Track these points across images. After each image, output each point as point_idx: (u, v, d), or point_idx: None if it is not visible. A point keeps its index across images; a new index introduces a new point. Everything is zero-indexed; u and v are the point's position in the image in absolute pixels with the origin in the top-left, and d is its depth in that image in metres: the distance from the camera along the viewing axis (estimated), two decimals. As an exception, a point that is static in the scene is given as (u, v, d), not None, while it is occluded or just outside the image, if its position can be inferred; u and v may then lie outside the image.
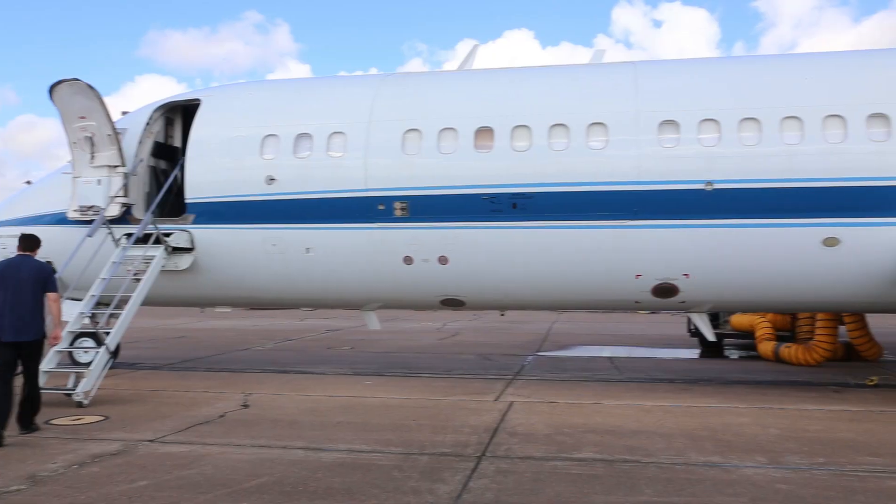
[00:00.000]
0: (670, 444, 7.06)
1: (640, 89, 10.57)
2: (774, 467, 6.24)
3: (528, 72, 11.80)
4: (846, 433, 7.59)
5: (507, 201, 10.28)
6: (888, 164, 9.62)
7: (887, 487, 5.64)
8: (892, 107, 9.77)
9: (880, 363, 13.59)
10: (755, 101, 10.15)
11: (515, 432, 7.61)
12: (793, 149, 9.82)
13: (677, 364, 14.21)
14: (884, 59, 11.00)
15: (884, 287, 9.80)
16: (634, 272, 10.17)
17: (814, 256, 9.74)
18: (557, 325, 24.19)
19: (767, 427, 7.85)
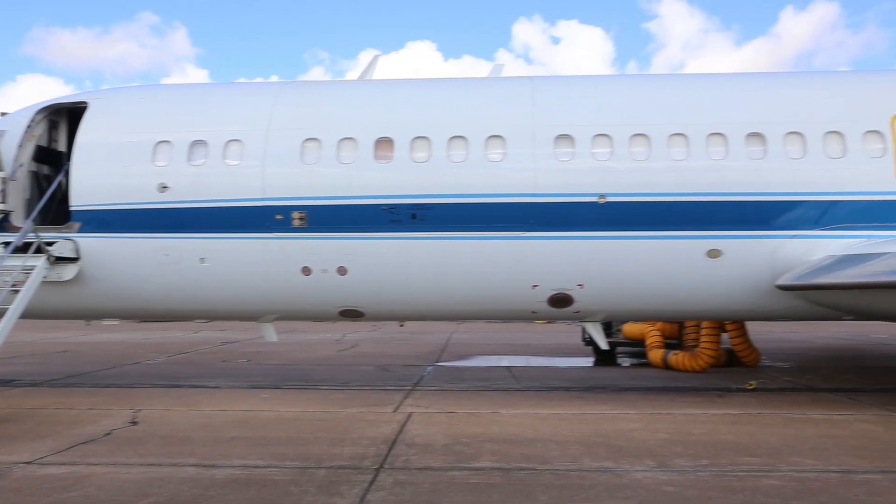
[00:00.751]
0: (565, 451, 7.22)
1: (537, 104, 10.83)
2: (662, 470, 6.48)
3: (428, 84, 11.90)
4: (728, 435, 7.97)
5: (406, 212, 10.30)
6: (765, 180, 10.22)
7: (763, 485, 5.95)
8: (768, 127, 10.39)
9: (758, 368, 14.35)
10: (645, 118, 10.57)
11: (414, 443, 7.61)
12: (679, 164, 10.28)
13: (572, 372, 14.56)
14: (761, 81, 11.71)
15: (762, 296, 10.37)
16: (531, 283, 10.38)
17: (698, 267, 10.21)
18: (456, 336, 24.37)
19: (656, 432, 8.15)
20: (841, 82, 11.80)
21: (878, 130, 10.33)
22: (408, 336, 23.84)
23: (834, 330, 24.04)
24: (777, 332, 22.44)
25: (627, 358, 16.56)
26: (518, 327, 28.86)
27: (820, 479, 6.16)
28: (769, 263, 10.18)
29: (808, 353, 17.97)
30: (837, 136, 10.32)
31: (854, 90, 11.22)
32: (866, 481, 6.07)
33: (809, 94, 11.11)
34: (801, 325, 24.55)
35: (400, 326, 26.09)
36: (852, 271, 9.44)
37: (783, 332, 22.77)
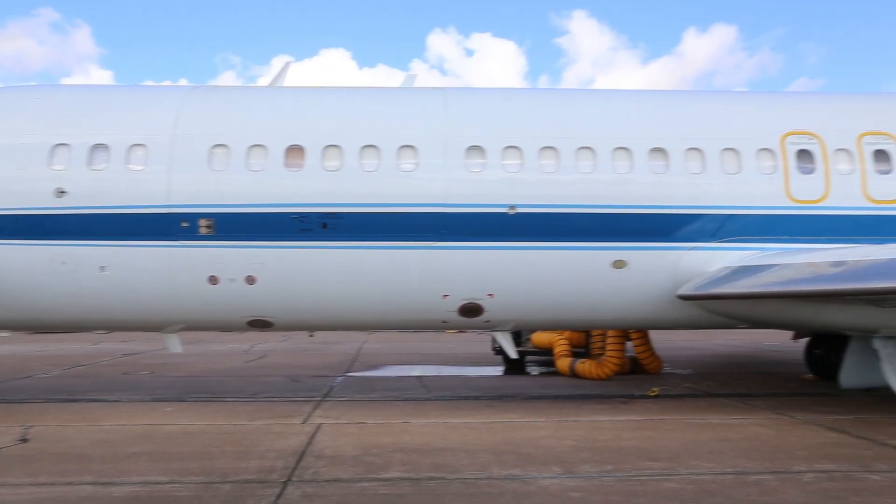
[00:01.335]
0: (475, 460, 7.27)
1: (449, 115, 10.93)
2: (569, 477, 6.61)
3: (341, 92, 11.84)
4: (631, 441, 8.21)
5: (317, 221, 10.20)
6: (667, 194, 10.62)
7: (664, 489, 6.15)
8: (670, 142, 10.81)
9: (661, 375, 14.85)
10: (554, 132, 10.82)
11: (323, 455, 7.52)
12: (587, 177, 10.56)
13: (483, 381, 14.71)
14: (664, 98, 12.18)
15: (664, 306, 10.75)
16: (442, 292, 10.44)
17: (605, 278, 10.50)
18: (368, 346, 24.24)
19: (564, 439, 8.31)
20: (737, 101, 12.39)
21: (770, 149, 10.90)
22: (318, 346, 23.56)
23: (730, 338, 25.12)
24: (678, 341, 23.28)
25: (536, 366, 16.83)
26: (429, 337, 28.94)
27: (716, 480, 6.42)
28: (671, 274, 10.57)
29: (707, 360, 18.72)
30: (733, 153, 10.84)
31: (749, 110, 11.79)
32: (758, 482, 6.36)
33: (708, 111, 11.63)
34: (700, 334, 25.58)
35: (310, 336, 25.80)
36: (746, 282, 9.91)
37: (683, 341, 23.64)
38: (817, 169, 10.86)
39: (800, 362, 14.86)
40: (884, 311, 9.65)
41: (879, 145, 11.02)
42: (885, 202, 10.80)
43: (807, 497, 5.88)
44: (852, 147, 10.99)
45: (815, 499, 5.84)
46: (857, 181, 10.85)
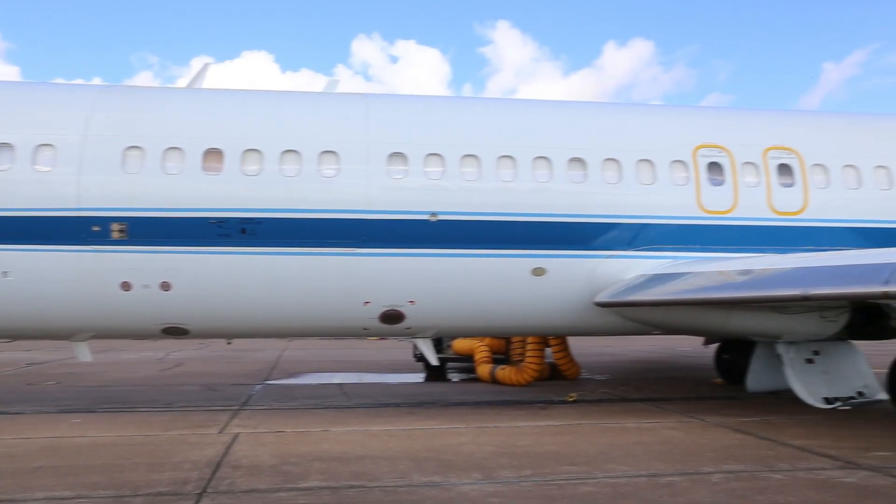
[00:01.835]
0: (395, 467, 7.26)
1: (372, 121, 10.91)
2: (488, 482, 6.67)
3: (262, 95, 11.67)
4: (550, 446, 8.34)
5: (235, 226, 10.01)
6: (585, 203, 10.87)
7: (581, 492, 6.28)
8: (588, 152, 11.07)
9: (579, 381, 15.14)
10: (476, 140, 10.94)
11: (240, 465, 7.36)
12: (507, 185, 10.71)
13: (404, 388, 14.69)
14: (584, 110, 12.47)
15: (582, 313, 10.99)
16: (363, 299, 10.39)
17: (525, 285, 10.66)
18: (288, 353, 23.89)
19: (483, 445, 8.38)
20: (652, 114, 12.81)
21: (683, 161, 11.29)
22: (236, 354, 23.06)
23: (645, 344, 25.82)
24: (595, 347, 23.79)
25: (457, 373, 16.91)
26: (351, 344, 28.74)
27: (630, 483, 6.59)
28: (588, 281, 10.81)
29: (623, 365, 19.20)
30: (648, 164, 11.18)
31: (663, 122, 12.21)
32: (670, 483, 6.56)
33: (625, 123, 11.96)
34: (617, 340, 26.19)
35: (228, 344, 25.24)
36: (659, 289, 10.23)
37: (601, 347, 24.17)
38: (726, 181, 11.32)
39: (710, 367, 15.40)
40: (786, 317, 10.13)
41: (783, 159, 11.56)
42: (787, 214, 11.33)
43: (714, 497, 6.10)
44: (758, 161, 11.50)
45: (722, 498, 6.06)
46: (763, 193, 11.35)
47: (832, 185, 11.59)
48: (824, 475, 6.84)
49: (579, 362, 15.74)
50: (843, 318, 10.16)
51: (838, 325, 10.21)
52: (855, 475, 6.84)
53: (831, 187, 11.57)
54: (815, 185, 11.52)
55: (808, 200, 11.42)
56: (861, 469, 7.07)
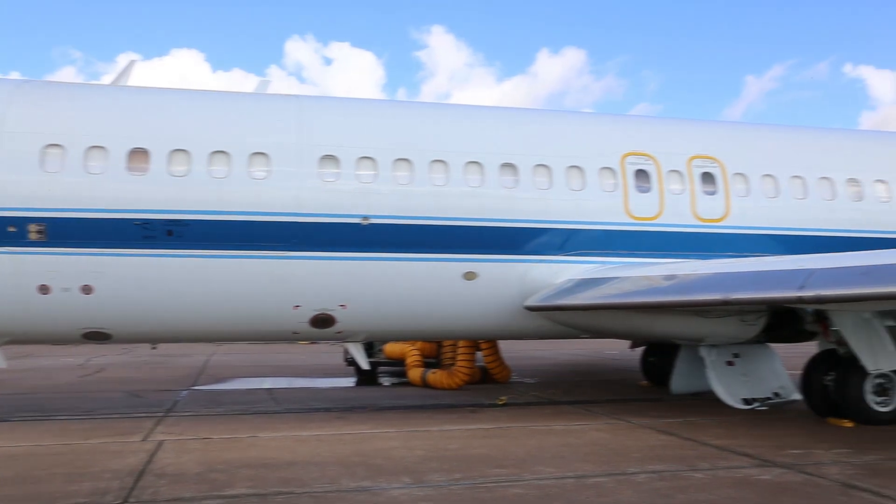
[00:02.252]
0: (324, 473, 7.19)
1: (303, 123, 10.81)
2: (419, 486, 6.67)
3: (190, 94, 11.43)
4: (480, 449, 8.39)
5: (161, 228, 9.77)
6: (517, 208, 11.00)
7: (510, 494, 6.34)
8: (520, 158, 11.20)
9: (509, 384, 15.28)
10: (409, 144, 10.95)
11: (164, 473, 7.18)
12: (440, 189, 10.76)
13: (334, 393, 14.57)
14: (516, 116, 12.64)
15: (512, 317, 11.11)
16: (293, 303, 10.27)
17: (456, 289, 10.72)
18: (216, 358, 23.40)
19: (414, 449, 8.38)
20: (583, 122, 13.04)
21: (611, 168, 11.54)
22: (162, 359, 22.48)
23: (574, 347, 26.23)
24: (526, 350, 24.04)
25: (389, 377, 16.86)
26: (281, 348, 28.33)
27: (558, 485, 6.68)
28: (519, 286, 10.94)
29: (552, 368, 19.47)
30: (578, 171, 11.39)
31: (593, 130, 12.46)
32: (596, 484, 6.69)
33: (556, 130, 12.16)
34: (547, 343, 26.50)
35: (152, 349, 24.60)
36: (588, 294, 10.42)
37: (531, 350, 24.44)
38: (653, 188, 11.62)
39: (637, 370, 15.75)
40: (709, 321, 10.45)
41: (707, 168, 11.93)
42: (710, 220, 11.70)
43: (639, 496, 6.24)
44: (683, 169, 11.84)
45: (646, 498, 6.21)
46: (688, 201, 11.69)
47: (752, 193, 12.02)
48: (742, 473, 7.08)
49: (510, 366, 15.88)
50: (762, 321, 10.54)
51: (757, 328, 10.58)
52: (770, 472, 7.10)
53: (751, 196, 12.00)
54: (737, 193, 11.93)
55: (729, 208, 11.81)
56: (776, 466, 7.35)
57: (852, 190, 12.48)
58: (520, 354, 22.19)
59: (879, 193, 12.62)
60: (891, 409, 9.87)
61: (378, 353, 16.41)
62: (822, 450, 8.19)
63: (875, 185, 12.62)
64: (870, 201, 12.51)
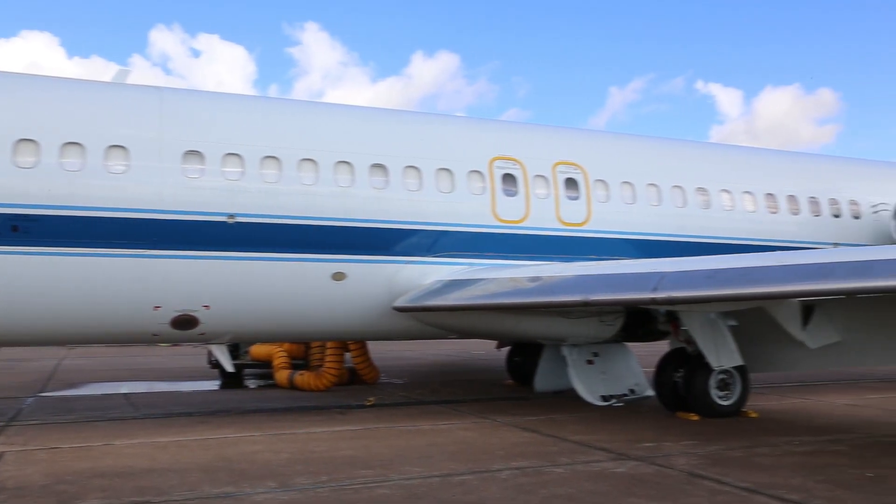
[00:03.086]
0: (184, 480, 6.93)
1: (166, 116, 10.38)
2: (283, 490, 6.56)
3: (41, 81, 10.71)
4: (347, 450, 8.35)
5: (6, 223, 9.11)
6: (386, 209, 11.03)
7: (376, 495, 6.35)
8: (390, 159, 11.24)
9: (378, 385, 15.29)
10: (278, 141, 10.75)
11: (4, 487, 6.69)
12: (309, 189, 10.62)
13: (197, 396, 14.08)
14: (388, 117, 12.66)
15: (381, 317, 11.13)
16: (153, 304, 9.84)
17: (324, 290, 10.62)
18: (68, 362, 22.06)
19: (279, 452, 8.23)
20: (453, 125, 13.25)
21: (480, 171, 11.78)
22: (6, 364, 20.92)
23: (442, 348, 26.59)
24: (394, 351, 24.16)
25: (255, 380, 16.48)
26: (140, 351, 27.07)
27: (425, 484, 6.76)
28: (388, 286, 10.97)
29: (421, 369, 19.65)
30: (448, 174, 11.55)
31: (463, 133, 12.68)
32: (462, 482, 6.81)
33: (427, 132, 12.29)
34: (416, 344, 26.77)
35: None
36: (455, 295, 10.60)
37: (400, 351, 24.58)
38: (519, 192, 11.95)
39: (503, 369, 16.14)
40: (570, 321, 10.88)
41: (570, 174, 12.41)
42: (573, 225, 12.18)
43: (503, 493, 6.41)
44: (548, 174, 12.25)
45: (510, 493, 6.38)
46: (552, 205, 12.11)
47: (612, 199, 12.60)
48: (599, 467, 7.42)
49: (378, 366, 15.89)
50: (619, 322, 11.09)
51: (615, 328, 11.12)
52: (625, 465, 7.48)
53: (611, 201, 12.58)
54: (598, 199, 12.48)
55: (591, 213, 12.34)
56: (630, 459, 7.75)
57: (701, 198, 13.34)
58: (389, 355, 22.25)
59: (724, 202, 13.55)
60: (731, 403, 10.62)
61: (244, 354, 16.03)
62: (671, 442, 8.71)
63: (721, 194, 13.54)
64: (716, 209, 13.42)
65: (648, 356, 12.76)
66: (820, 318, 10.04)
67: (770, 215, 13.91)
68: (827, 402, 12.32)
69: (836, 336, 10.18)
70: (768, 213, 13.90)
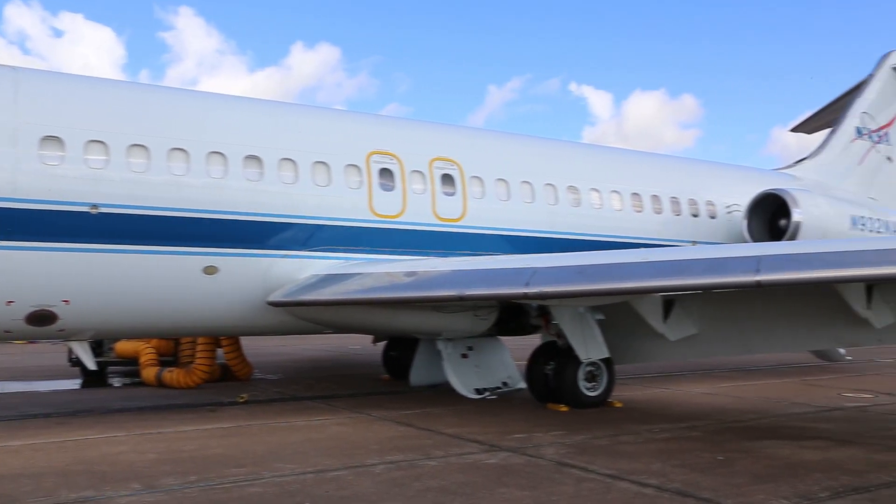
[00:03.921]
0: (39, 485, 6.55)
1: (22, 99, 9.73)
2: (149, 492, 6.32)
3: None
4: (217, 449, 8.14)
5: None
6: (261, 201, 10.79)
7: (248, 494, 6.23)
8: (265, 151, 11.00)
9: (251, 381, 14.97)
10: (145, 128, 10.30)
11: None
12: (179, 179, 10.24)
13: (55, 397, 13.31)
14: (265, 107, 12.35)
15: (255, 312, 10.90)
16: (5, 298, 9.22)
17: (195, 284, 10.28)
18: None
19: (145, 453, 7.92)
20: (331, 118, 13.11)
21: (357, 165, 11.73)
22: None
23: (318, 343, 26.31)
24: (269, 346, 23.71)
25: (120, 377, 15.76)
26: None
27: (298, 480, 6.69)
28: (262, 281, 10.75)
29: (296, 364, 19.37)
30: (324, 167, 11.43)
31: (341, 127, 12.57)
32: (336, 477, 6.79)
33: (304, 125, 12.11)
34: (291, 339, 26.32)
35: None
36: (331, 289, 10.53)
37: (274, 346, 24.15)
38: (396, 187, 11.99)
39: (379, 364, 16.15)
40: (446, 315, 11.04)
41: (447, 170, 12.56)
42: (449, 220, 12.34)
43: (377, 487, 6.44)
44: (425, 170, 12.36)
45: (384, 487, 6.42)
46: (429, 200, 12.23)
47: (487, 196, 12.86)
48: (472, 458, 7.58)
49: (252, 362, 15.55)
50: (493, 316, 11.35)
51: (489, 322, 11.37)
52: (496, 456, 7.68)
53: (486, 198, 12.84)
54: (473, 195, 12.70)
55: (466, 209, 12.54)
56: (502, 450, 7.96)
57: (572, 196, 13.84)
58: (263, 351, 21.83)
59: (593, 201, 14.12)
60: (598, 394, 11.10)
61: (108, 352, 15.31)
62: (541, 433, 9.01)
63: (590, 192, 14.10)
64: (586, 207, 13.96)
65: (521, 350, 13.14)
66: (679, 311, 10.64)
67: (635, 214, 14.61)
68: (685, 392, 13.10)
69: (694, 329, 10.80)
70: (634, 211, 14.60)
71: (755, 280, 7.99)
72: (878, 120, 20.77)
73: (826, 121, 22.97)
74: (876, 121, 20.73)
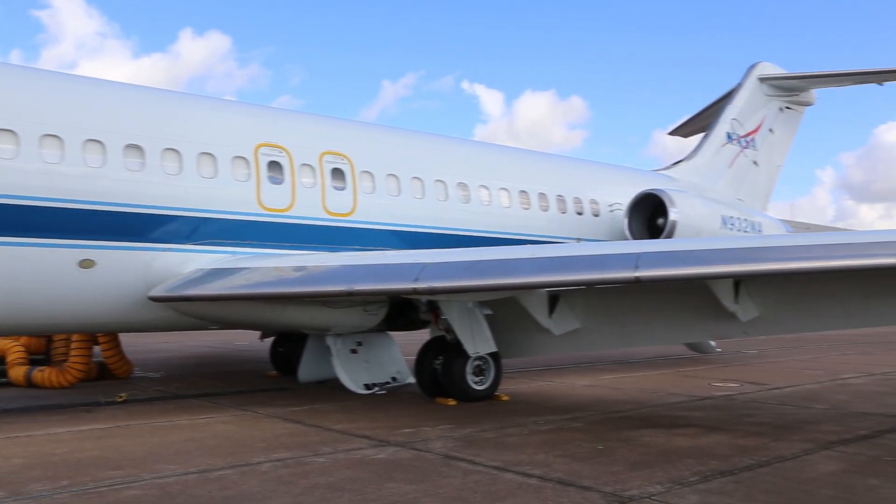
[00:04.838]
0: None
1: None
2: (15, 499, 5.97)
3: None
4: (93, 451, 7.78)
5: None
6: (142, 192, 10.38)
7: (125, 497, 5.99)
8: (148, 140, 10.59)
9: (131, 380, 14.36)
10: (16, 113, 9.74)
11: None
12: (53, 168, 9.72)
13: None
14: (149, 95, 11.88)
15: (136, 308, 10.49)
16: None
17: (70, 278, 9.79)
18: None
19: (11, 457, 7.47)
20: (219, 108, 12.72)
21: (244, 157, 11.47)
22: None
23: (203, 339, 25.55)
24: (150, 343, 22.81)
25: (-18, 378, 14.77)
26: None
27: (180, 482, 6.48)
28: (143, 275, 10.36)
29: (179, 361, 18.72)
30: (210, 158, 11.12)
31: (229, 118, 12.25)
32: (220, 477, 6.62)
33: (190, 114, 11.72)
34: (174, 335, 25.47)
35: None
36: (216, 284, 10.25)
37: (156, 343, 23.25)
38: (285, 180, 11.80)
39: (266, 360, 15.85)
40: (335, 311, 10.96)
41: (337, 164, 12.47)
42: (339, 215, 12.26)
43: (263, 485, 6.33)
44: (315, 163, 12.22)
45: (270, 486, 6.32)
46: (318, 195, 12.10)
47: (377, 191, 12.85)
48: (360, 454, 7.57)
49: (132, 360, 14.93)
50: (383, 311, 11.36)
51: (378, 317, 11.37)
52: (385, 451, 7.70)
53: (376, 193, 12.83)
54: (364, 190, 12.66)
55: (356, 204, 12.49)
56: (390, 445, 7.99)
57: (461, 193, 14.02)
58: (144, 348, 21.01)
59: (482, 197, 14.35)
60: (486, 388, 11.30)
61: (-31, 350, 14.30)
62: (429, 427, 9.09)
63: (480, 189, 14.33)
64: (475, 203, 14.17)
65: (410, 345, 13.20)
66: (563, 306, 10.98)
67: (523, 211, 14.96)
68: (569, 384, 13.53)
69: (577, 323, 11.17)
70: (522, 208, 14.94)
71: (634, 276, 8.35)
72: (745, 126, 22.11)
73: (700, 125, 24.32)
74: (744, 127, 22.06)
